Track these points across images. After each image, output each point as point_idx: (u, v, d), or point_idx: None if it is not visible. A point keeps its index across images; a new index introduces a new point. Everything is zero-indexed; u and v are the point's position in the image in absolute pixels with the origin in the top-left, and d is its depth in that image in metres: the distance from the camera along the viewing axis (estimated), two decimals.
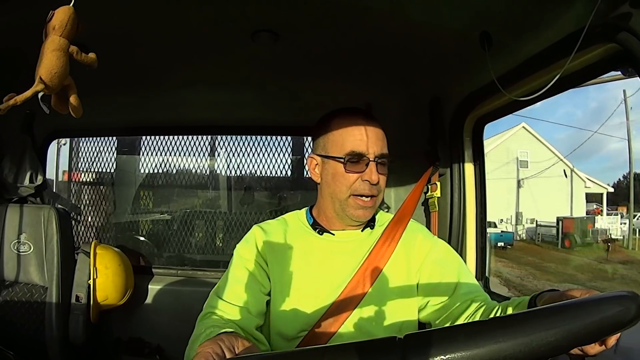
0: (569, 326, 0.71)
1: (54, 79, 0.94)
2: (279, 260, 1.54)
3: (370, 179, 1.47)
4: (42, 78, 0.93)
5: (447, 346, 0.67)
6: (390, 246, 1.56)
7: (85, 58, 1.03)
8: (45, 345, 2.41)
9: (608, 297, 0.78)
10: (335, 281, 1.50)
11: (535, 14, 1.42)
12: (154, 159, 3.59)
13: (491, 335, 0.68)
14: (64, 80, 0.98)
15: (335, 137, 1.52)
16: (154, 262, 3.29)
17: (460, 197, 2.25)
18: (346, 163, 1.48)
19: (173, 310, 2.79)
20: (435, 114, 2.31)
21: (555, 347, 0.69)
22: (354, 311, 1.47)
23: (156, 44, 1.80)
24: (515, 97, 1.60)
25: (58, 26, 0.96)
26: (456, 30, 1.62)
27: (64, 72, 0.97)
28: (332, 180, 1.53)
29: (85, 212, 3.56)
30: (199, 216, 3.57)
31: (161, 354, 2.82)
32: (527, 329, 0.70)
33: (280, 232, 1.61)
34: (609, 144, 77.04)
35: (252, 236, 1.60)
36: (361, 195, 1.49)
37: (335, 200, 1.53)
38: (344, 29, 1.68)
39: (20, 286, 2.44)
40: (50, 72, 0.94)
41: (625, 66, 1.30)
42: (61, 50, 0.96)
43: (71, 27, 0.97)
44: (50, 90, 0.95)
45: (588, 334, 0.72)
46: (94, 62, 1.05)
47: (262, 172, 3.58)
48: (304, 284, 1.51)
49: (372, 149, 1.48)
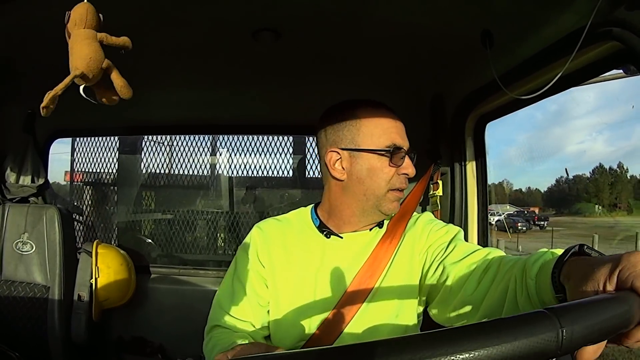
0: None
1: (91, 64, 0.94)
2: (276, 264, 1.49)
3: (408, 172, 1.44)
4: (78, 67, 0.93)
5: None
6: (392, 243, 1.49)
7: (117, 41, 1.02)
8: (47, 344, 2.42)
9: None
10: (339, 283, 1.44)
11: (537, 12, 1.42)
12: (155, 158, 3.59)
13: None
14: (102, 64, 0.98)
15: (369, 129, 1.44)
16: (156, 261, 3.29)
17: (463, 195, 2.25)
18: (392, 156, 1.41)
19: (175, 310, 2.80)
20: (436, 113, 2.31)
21: None
22: (357, 312, 1.41)
23: (158, 42, 1.80)
24: (517, 95, 1.60)
25: (79, 20, 0.95)
26: (458, 29, 1.62)
27: (99, 57, 0.96)
28: (367, 176, 1.43)
29: (87, 211, 3.57)
30: (201, 215, 3.57)
31: (163, 353, 2.83)
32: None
33: (280, 234, 1.54)
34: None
35: (251, 239, 1.55)
36: (398, 189, 1.45)
37: (370, 197, 1.44)
38: (346, 28, 1.68)
39: (22, 285, 2.44)
40: (85, 59, 0.94)
41: (627, 64, 1.30)
42: (90, 38, 0.96)
43: (92, 17, 0.97)
44: (89, 79, 0.95)
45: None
46: (126, 44, 1.04)
47: (264, 171, 3.58)
48: (306, 289, 1.45)
49: (406, 141, 1.45)
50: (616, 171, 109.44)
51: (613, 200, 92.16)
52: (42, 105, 0.91)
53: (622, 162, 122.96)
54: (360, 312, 1.41)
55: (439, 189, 2.25)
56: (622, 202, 78.33)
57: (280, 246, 1.51)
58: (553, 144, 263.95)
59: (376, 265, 1.46)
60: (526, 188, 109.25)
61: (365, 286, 1.43)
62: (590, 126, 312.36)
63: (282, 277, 1.47)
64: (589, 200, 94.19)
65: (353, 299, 1.42)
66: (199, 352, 1.49)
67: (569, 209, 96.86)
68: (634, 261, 0.73)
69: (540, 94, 1.49)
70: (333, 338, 1.40)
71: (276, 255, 1.50)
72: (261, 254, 1.50)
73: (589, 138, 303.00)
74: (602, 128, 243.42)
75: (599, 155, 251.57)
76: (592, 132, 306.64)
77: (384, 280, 1.44)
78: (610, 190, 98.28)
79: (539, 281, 0.99)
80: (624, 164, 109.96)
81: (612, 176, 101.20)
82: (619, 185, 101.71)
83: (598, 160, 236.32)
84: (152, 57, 1.86)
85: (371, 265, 1.45)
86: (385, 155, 1.41)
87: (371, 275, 1.44)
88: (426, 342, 0.56)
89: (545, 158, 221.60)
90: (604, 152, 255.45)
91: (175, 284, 2.93)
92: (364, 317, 1.42)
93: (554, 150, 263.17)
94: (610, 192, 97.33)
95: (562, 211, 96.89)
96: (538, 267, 1.02)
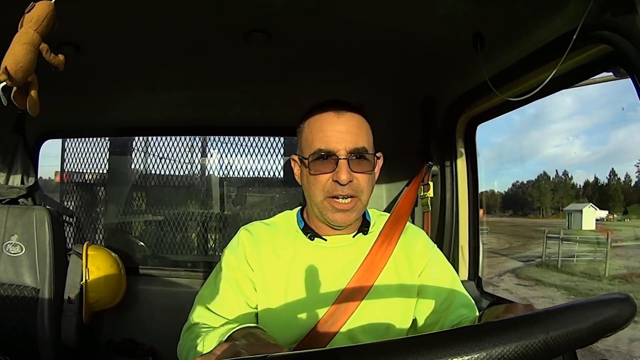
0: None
1: (19, 72, 0.93)
2: (266, 268, 1.45)
3: (339, 179, 1.35)
4: (7, 69, 0.92)
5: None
6: (387, 249, 1.47)
7: (54, 59, 1.00)
8: (37, 346, 2.39)
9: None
10: (328, 290, 1.41)
11: (528, 15, 1.43)
12: (146, 159, 3.58)
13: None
14: (29, 75, 0.96)
15: (307, 135, 1.43)
16: (147, 263, 3.28)
17: (453, 197, 2.26)
18: (310, 164, 1.39)
19: (165, 312, 2.78)
20: (428, 114, 2.31)
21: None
22: (350, 318, 1.39)
23: (148, 44, 1.79)
24: (508, 97, 1.61)
25: (34, 20, 0.94)
26: (449, 31, 1.63)
27: (30, 66, 0.95)
28: (307, 183, 1.44)
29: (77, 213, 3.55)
30: (191, 217, 3.56)
31: (154, 355, 2.81)
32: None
33: (269, 237, 1.51)
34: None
35: (239, 242, 1.51)
36: (335, 197, 1.38)
37: (313, 205, 1.45)
38: (337, 30, 1.68)
39: (12, 288, 2.42)
40: (17, 64, 0.92)
41: (617, 67, 1.31)
42: (32, 44, 0.94)
43: (47, 23, 0.95)
44: (13, 82, 0.93)
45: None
46: (61, 64, 1.02)
47: (255, 172, 3.58)
48: (293, 294, 1.42)
49: (343, 144, 1.36)
50: (562, 178, 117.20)
51: (555, 204, 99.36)
52: None
53: (566, 170, 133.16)
54: (353, 317, 1.40)
55: (429, 190, 2.25)
56: (564, 205, 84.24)
57: (270, 249, 1.48)
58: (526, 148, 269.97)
59: (372, 271, 1.44)
60: (490, 191, 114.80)
61: (360, 291, 1.41)
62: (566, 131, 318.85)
63: (272, 280, 1.44)
64: (532, 204, 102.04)
65: (346, 306, 1.40)
66: None
67: (522, 211, 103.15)
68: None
69: (531, 96, 1.50)
70: (327, 340, 1.38)
71: (266, 259, 1.46)
72: (250, 257, 1.46)
73: (565, 142, 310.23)
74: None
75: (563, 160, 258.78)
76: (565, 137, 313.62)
77: (379, 285, 1.43)
78: (552, 195, 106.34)
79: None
80: (568, 171, 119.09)
81: (554, 183, 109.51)
82: (561, 191, 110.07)
83: (563, 166, 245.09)
84: (142, 58, 1.86)
85: (366, 271, 1.44)
86: (311, 161, 1.39)
87: (367, 279, 1.42)
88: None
89: (517, 162, 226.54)
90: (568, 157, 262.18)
91: (166, 285, 2.92)
92: (356, 323, 1.40)
93: (527, 154, 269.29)
94: (552, 197, 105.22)
95: (518, 213, 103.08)
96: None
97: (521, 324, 0.61)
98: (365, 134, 1.42)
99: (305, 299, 1.41)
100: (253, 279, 1.45)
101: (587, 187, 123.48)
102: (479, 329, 0.64)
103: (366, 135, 1.42)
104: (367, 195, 1.43)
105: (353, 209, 1.41)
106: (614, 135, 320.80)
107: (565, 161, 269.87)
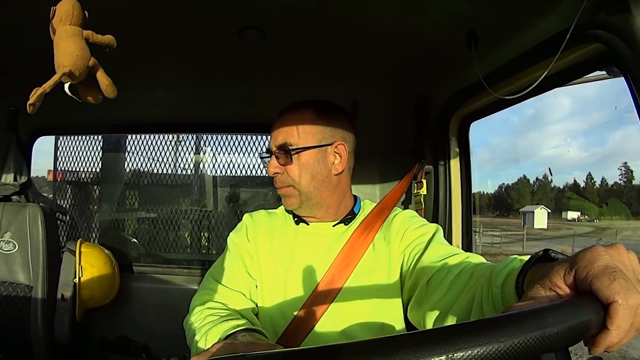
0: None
1: (78, 61, 0.93)
2: (265, 251, 1.58)
3: (268, 171, 1.59)
4: (65, 65, 0.92)
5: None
6: (367, 238, 1.54)
7: (103, 39, 1.02)
8: (30, 344, 2.39)
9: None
10: (311, 275, 1.51)
11: (522, 13, 1.43)
12: (139, 156, 3.57)
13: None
14: (88, 61, 0.97)
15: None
16: (140, 260, 3.28)
17: (447, 195, 2.26)
18: (262, 158, 1.68)
19: (159, 309, 2.79)
20: (421, 112, 2.31)
21: None
22: (330, 306, 1.44)
23: (142, 41, 1.79)
24: (502, 95, 1.61)
25: (65, 16, 0.95)
26: (443, 29, 1.63)
27: (85, 54, 0.96)
28: None
29: (71, 211, 3.54)
30: (185, 214, 3.56)
31: (147, 353, 2.81)
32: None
33: (268, 223, 1.66)
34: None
35: (242, 225, 1.67)
36: (277, 187, 1.61)
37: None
38: (331, 27, 1.68)
39: (5, 285, 2.41)
40: (72, 56, 0.93)
41: (610, 66, 1.32)
42: (75, 35, 0.95)
43: (78, 14, 0.96)
44: (75, 76, 0.94)
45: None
46: (111, 42, 1.04)
47: (248, 170, 3.59)
48: (284, 276, 1.52)
49: (274, 141, 1.58)
50: (542, 180, 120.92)
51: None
52: (29, 102, 0.90)
53: (546, 173, 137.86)
54: (332, 308, 1.45)
55: (422, 188, 2.25)
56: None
57: (266, 233, 1.62)
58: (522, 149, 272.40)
59: (350, 259, 1.50)
60: (480, 192, 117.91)
61: (339, 278, 1.47)
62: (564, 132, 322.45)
63: (267, 263, 1.56)
64: (512, 205, 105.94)
65: (326, 292, 1.46)
66: (183, 351, 1.49)
67: (506, 212, 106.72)
68: (590, 258, 0.67)
69: (524, 94, 1.50)
70: (310, 326, 1.44)
71: (262, 243, 1.60)
72: (250, 237, 1.61)
73: (563, 143, 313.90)
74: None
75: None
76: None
77: (358, 273, 1.48)
78: (531, 197, 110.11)
79: (505, 290, 0.96)
80: (548, 174, 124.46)
81: (534, 185, 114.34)
82: (540, 194, 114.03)
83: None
84: (136, 55, 1.85)
85: (346, 256, 1.50)
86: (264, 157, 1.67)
87: (346, 266, 1.49)
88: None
89: (511, 163, 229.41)
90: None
91: (160, 283, 2.92)
92: (336, 311, 1.44)
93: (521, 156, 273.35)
94: (531, 198, 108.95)
95: (503, 214, 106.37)
96: (504, 275, 0.97)
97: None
98: (294, 131, 1.56)
99: (291, 283, 1.51)
100: (256, 259, 1.58)
101: (565, 190, 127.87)
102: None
103: (297, 130, 1.56)
104: (306, 182, 1.55)
105: (292, 196, 1.58)
106: (610, 136, 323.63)
107: (563, 161, 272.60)
